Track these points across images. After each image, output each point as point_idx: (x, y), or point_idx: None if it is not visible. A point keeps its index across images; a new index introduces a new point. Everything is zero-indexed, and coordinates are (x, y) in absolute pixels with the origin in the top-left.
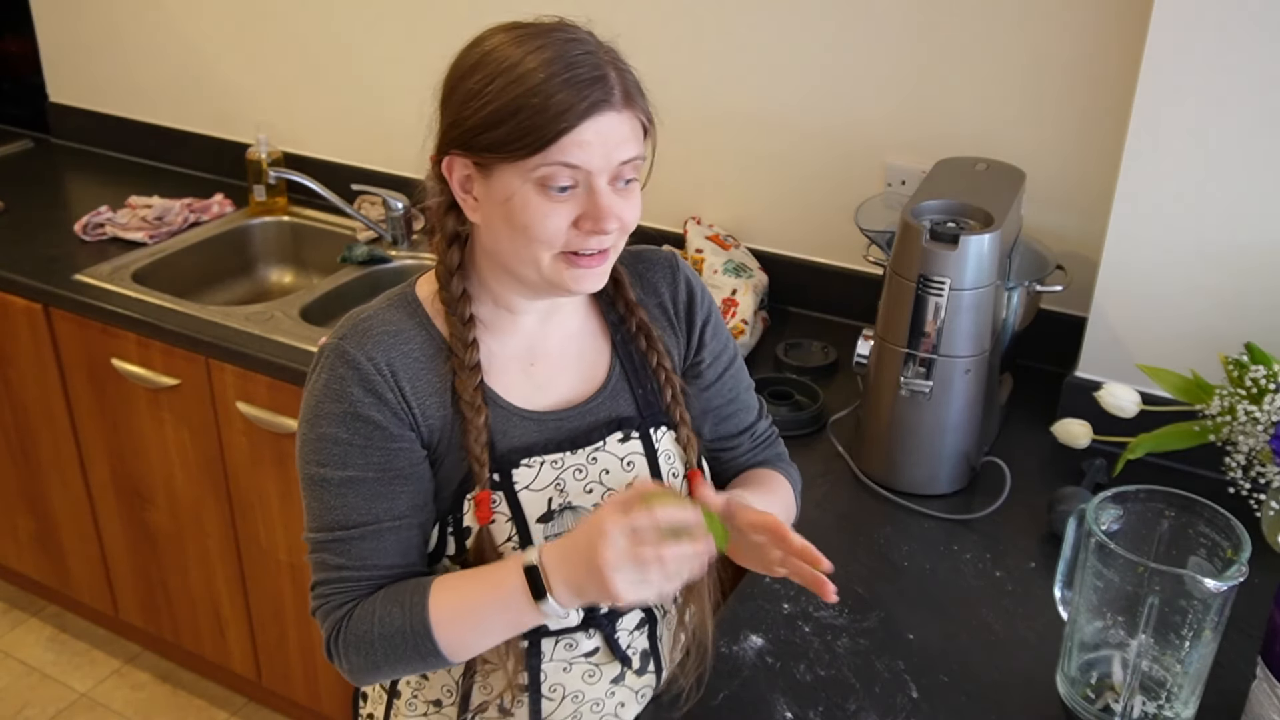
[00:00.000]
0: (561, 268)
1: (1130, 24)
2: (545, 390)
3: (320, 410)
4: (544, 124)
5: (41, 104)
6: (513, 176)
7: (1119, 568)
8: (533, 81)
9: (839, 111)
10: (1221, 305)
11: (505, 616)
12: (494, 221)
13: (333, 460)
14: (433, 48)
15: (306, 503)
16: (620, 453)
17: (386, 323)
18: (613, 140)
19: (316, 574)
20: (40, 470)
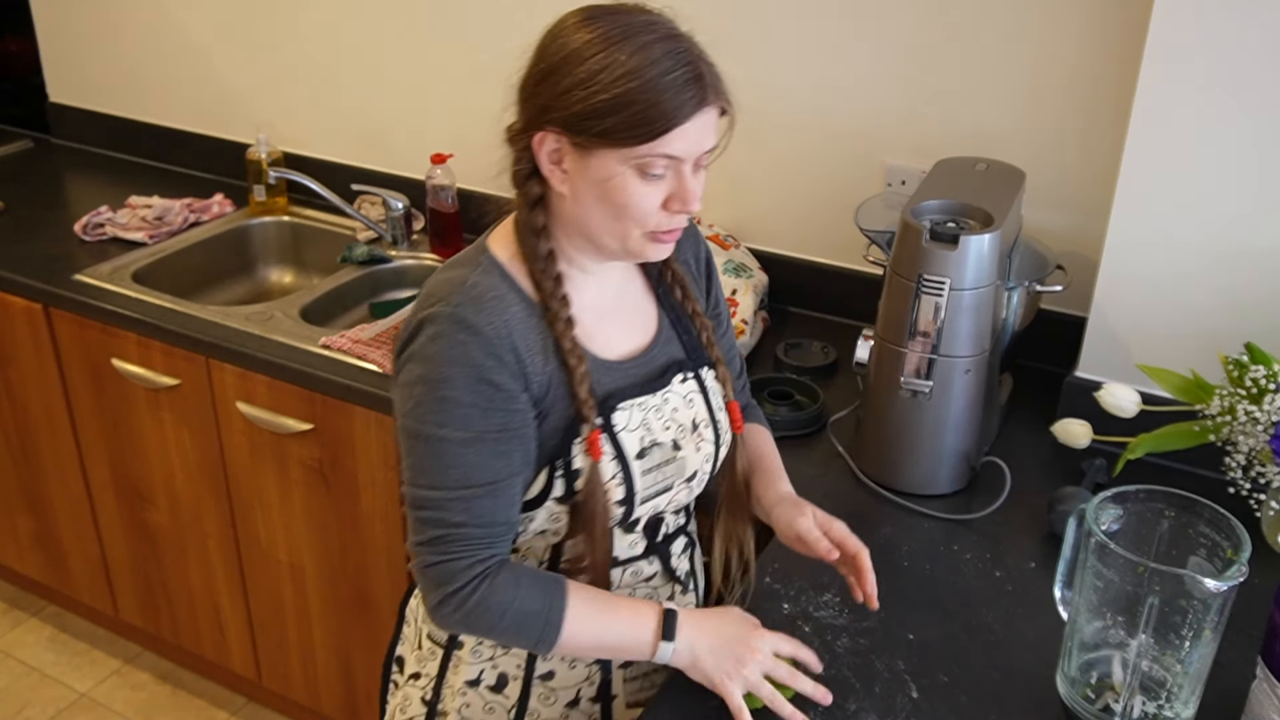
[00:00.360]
0: (645, 243)
1: (1130, 24)
2: (615, 341)
3: (443, 374)
4: (655, 119)
5: (41, 104)
6: (613, 160)
7: (1119, 568)
8: (644, 78)
9: (839, 111)
10: (1221, 305)
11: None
12: (585, 196)
13: (454, 422)
14: (433, 47)
15: (417, 460)
16: (682, 392)
17: (490, 288)
18: (705, 133)
19: (431, 530)
20: (40, 470)
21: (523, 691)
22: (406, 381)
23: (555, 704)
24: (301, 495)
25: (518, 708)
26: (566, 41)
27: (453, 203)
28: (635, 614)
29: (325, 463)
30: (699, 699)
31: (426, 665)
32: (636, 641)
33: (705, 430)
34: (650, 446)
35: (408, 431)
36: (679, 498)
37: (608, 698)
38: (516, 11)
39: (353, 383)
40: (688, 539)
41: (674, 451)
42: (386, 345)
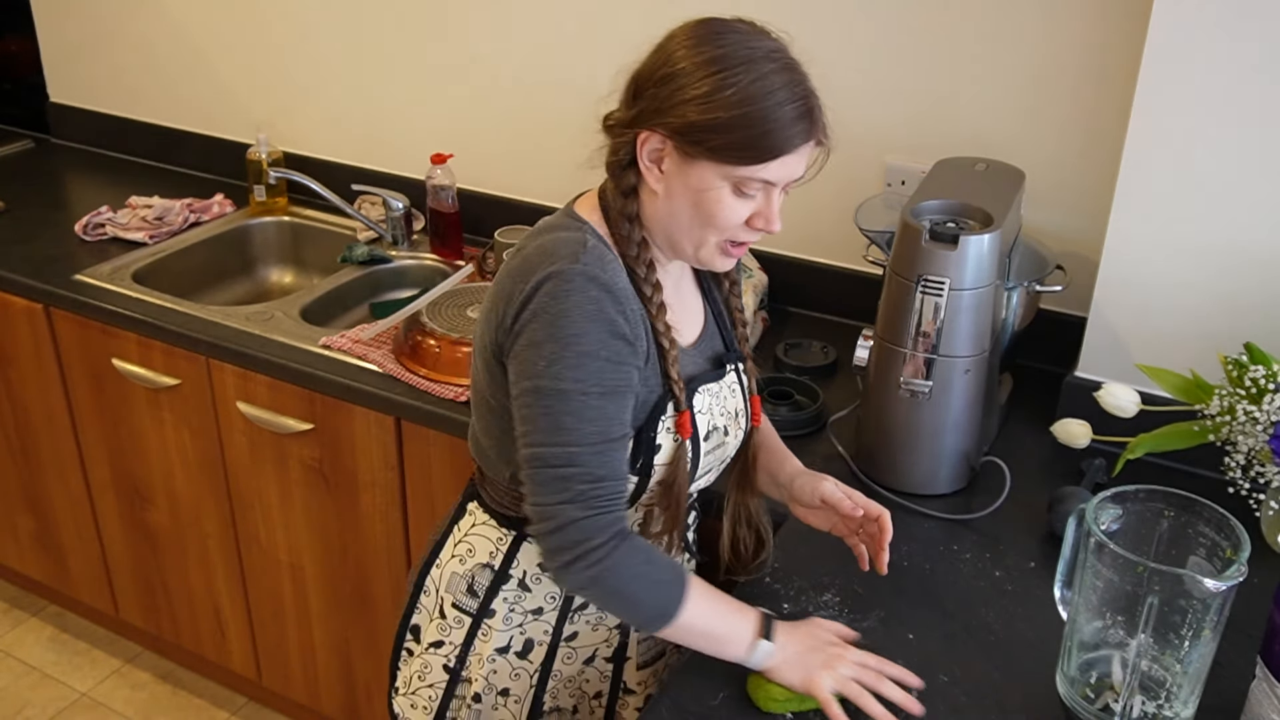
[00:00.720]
0: (717, 252)
1: (1130, 24)
2: (682, 328)
3: (576, 329)
4: (764, 146)
5: (41, 104)
6: (713, 174)
7: (1119, 567)
8: (761, 105)
9: (839, 111)
10: (1221, 305)
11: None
12: (677, 199)
13: (592, 376)
14: (433, 47)
15: (555, 418)
16: (729, 381)
17: (604, 252)
18: (800, 163)
19: (575, 485)
20: (40, 470)
21: (548, 654)
22: (534, 341)
23: (574, 662)
24: (301, 495)
25: (541, 670)
26: (690, 52)
27: (453, 203)
28: (740, 611)
29: (325, 463)
30: (699, 696)
31: (451, 634)
32: (739, 636)
33: (742, 419)
34: (711, 430)
35: (541, 391)
36: (714, 477)
37: (621, 658)
38: (517, 12)
39: (353, 383)
40: (696, 511)
41: (724, 437)
42: (386, 345)
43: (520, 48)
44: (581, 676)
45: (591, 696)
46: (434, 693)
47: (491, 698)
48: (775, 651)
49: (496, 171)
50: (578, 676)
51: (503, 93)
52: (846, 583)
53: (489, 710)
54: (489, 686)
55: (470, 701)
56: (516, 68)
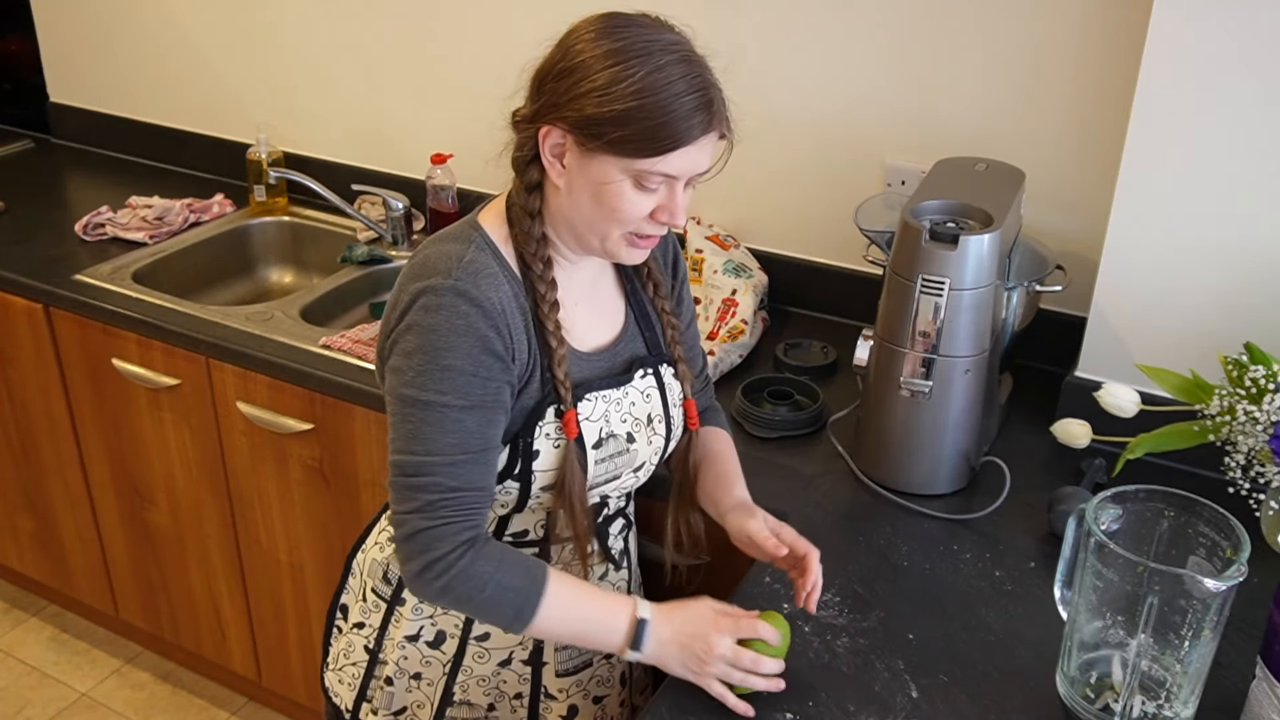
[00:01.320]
0: (622, 244)
1: (1130, 24)
2: (585, 333)
3: (444, 344)
4: (662, 138)
5: (41, 104)
6: (613, 167)
7: (1119, 567)
8: (658, 97)
9: (839, 112)
10: (1221, 305)
11: (593, 637)
12: (579, 194)
13: (455, 390)
14: (433, 47)
15: (415, 427)
16: (641, 387)
17: (484, 265)
18: (703, 156)
19: (424, 495)
20: (40, 470)
21: (459, 649)
22: (405, 351)
23: (488, 662)
24: (301, 495)
25: (453, 663)
26: (589, 45)
27: (453, 203)
28: (609, 613)
29: (325, 463)
30: (699, 696)
31: (370, 617)
32: (607, 641)
33: (658, 425)
34: (606, 438)
35: (405, 399)
36: (624, 485)
37: (539, 662)
38: (516, 12)
39: (353, 383)
40: (625, 521)
41: (628, 444)
42: None
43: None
44: (498, 677)
45: (512, 696)
46: (357, 670)
47: (404, 681)
48: (650, 656)
49: (496, 171)
50: (493, 676)
51: (503, 93)
52: (846, 582)
53: (401, 693)
54: (400, 671)
55: (384, 683)
56: (516, 68)
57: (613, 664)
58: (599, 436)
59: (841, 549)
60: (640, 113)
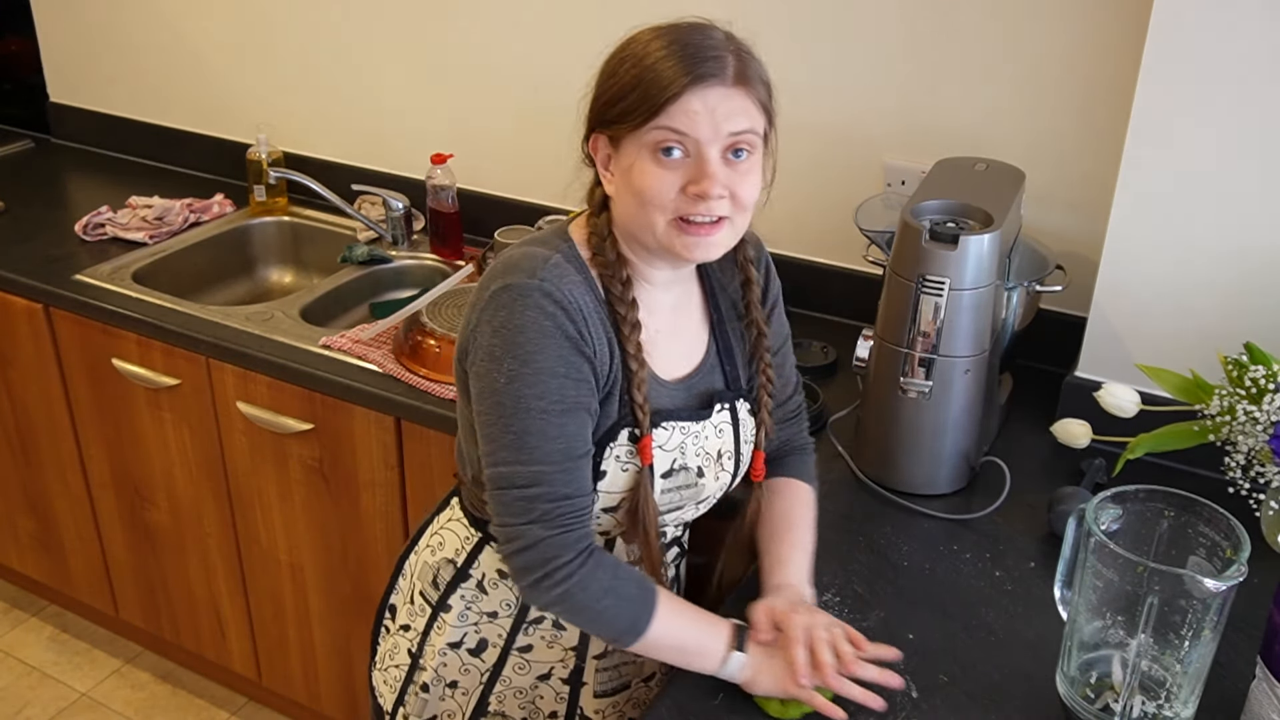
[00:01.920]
0: (674, 233)
1: (1130, 23)
2: (667, 360)
3: (534, 345)
4: (656, 92)
5: (41, 104)
6: (633, 145)
7: (1119, 567)
8: (653, 59)
9: (839, 112)
10: (1221, 305)
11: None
12: (621, 191)
13: (551, 394)
14: (432, 47)
15: (516, 438)
16: (716, 422)
17: (569, 272)
18: (720, 112)
19: (541, 505)
20: (40, 470)
21: (500, 659)
22: (493, 355)
23: (528, 674)
24: (301, 495)
25: (492, 672)
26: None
27: (453, 203)
28: (712, 625)
29: (325, 463)
30: (699, 696)
31: (416, 620)
32: (711, 650)
33: (728, 462)
34: (678, 469)
35: (502, 407)
36: (685, 515)
37: (578, 682)
38: (516, 12)
39: (353, 383)
40: (680, 550)
41: (698, 478)
42: (386, 345)
43: (521, 48)
44: (535, 691)
45: (547, 715)
46: (399, 673)
47: (439, 689)
48: (747, 663)
49: (496, 171)
50: (530, 690)
51: (503, 93)
52: (846, 583)
53: (435, 700)
54: (438, 678)
55: (420, 689)
56: (516, 68)
57: (649, 688)
58: (670, 467)
59: (841, 549)
60: (634, 79)
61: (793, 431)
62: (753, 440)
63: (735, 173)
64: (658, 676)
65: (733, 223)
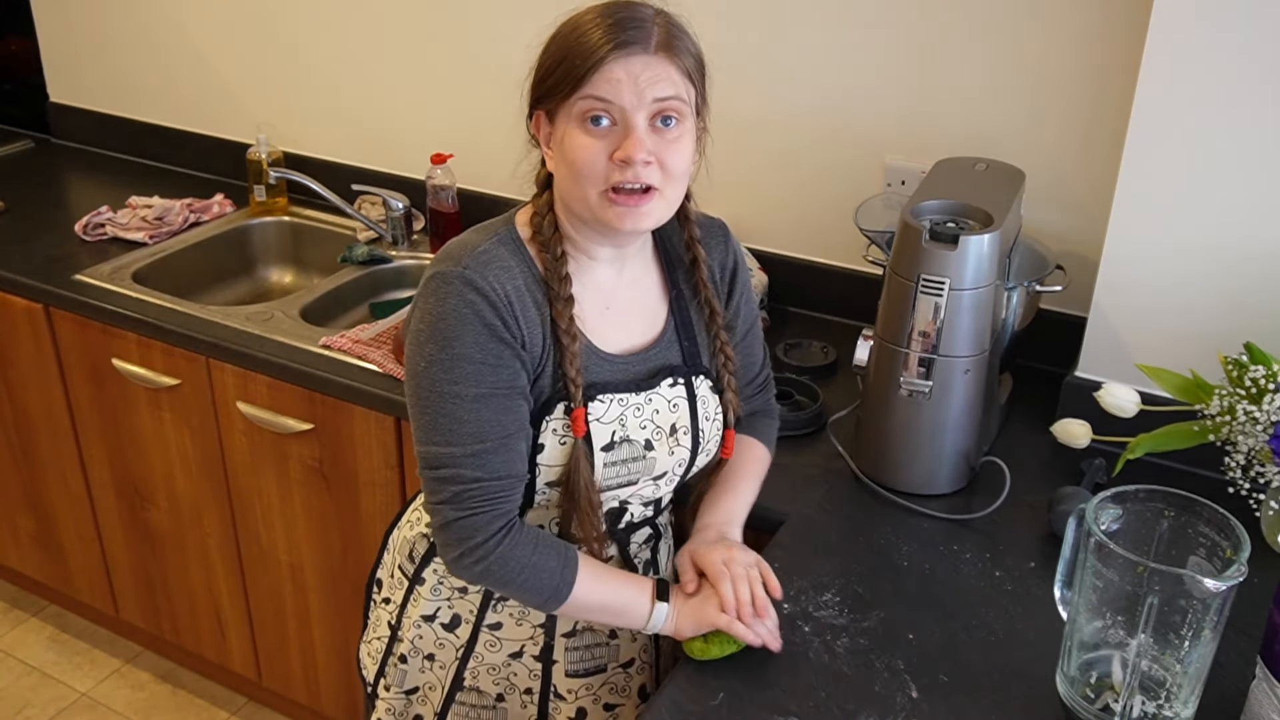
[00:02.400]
0: (606, 204)
1: (1130, 23)
2: (615, 334)
3: (452, 332)
4: (580, 62)
5: (41, 104)
6: (564, 118)
7: (1119, 567)
8: (579, 33)
9: (839, 111)
10: (1221, 305)
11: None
12: (559, 166)
13: (467, 378)
14: (433, 47)
15: (431, 420)
16: (668, 396)
17: (498, 257)
18: (644, 79)
19: (450, 486)
20: (40, 470)
21: (472, 635)
22: (417, 340)
23: (500, 652)
24: (301, 495)
25: (465, 648)
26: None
27: (453, 203)
28: (633, 583)
29: (325, 463)
30: (699, 696)
31: (395, 593)
32: (636, 605)
33: (684, 437)
34: (620, 441)
35: (420, 390)
36: (644, 492)
37: (549, 660)
38: (517, 11)
39: (353, 383)
40: (653, 531)
41: (645, 450)
42: (386, 345)
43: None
44: (508, 668)
45: (522, 690)
46: (380, 645)
47: (418, 661)
48: (670, 613)
49: (496, 171)
50: (503, 667)
51: (503, 93)
52: (846, 583)
53: (415, 672)
54: (415, 650)
55: (399, 660)
56: (516, 68)
57: (629, 674)
58: (611, 439)
59: (841, 549)
60: (556, 54)
61: (759, 401)
62: (715, 417)
63: (663, 140)
64: (637, 664)
65: (663, 194)
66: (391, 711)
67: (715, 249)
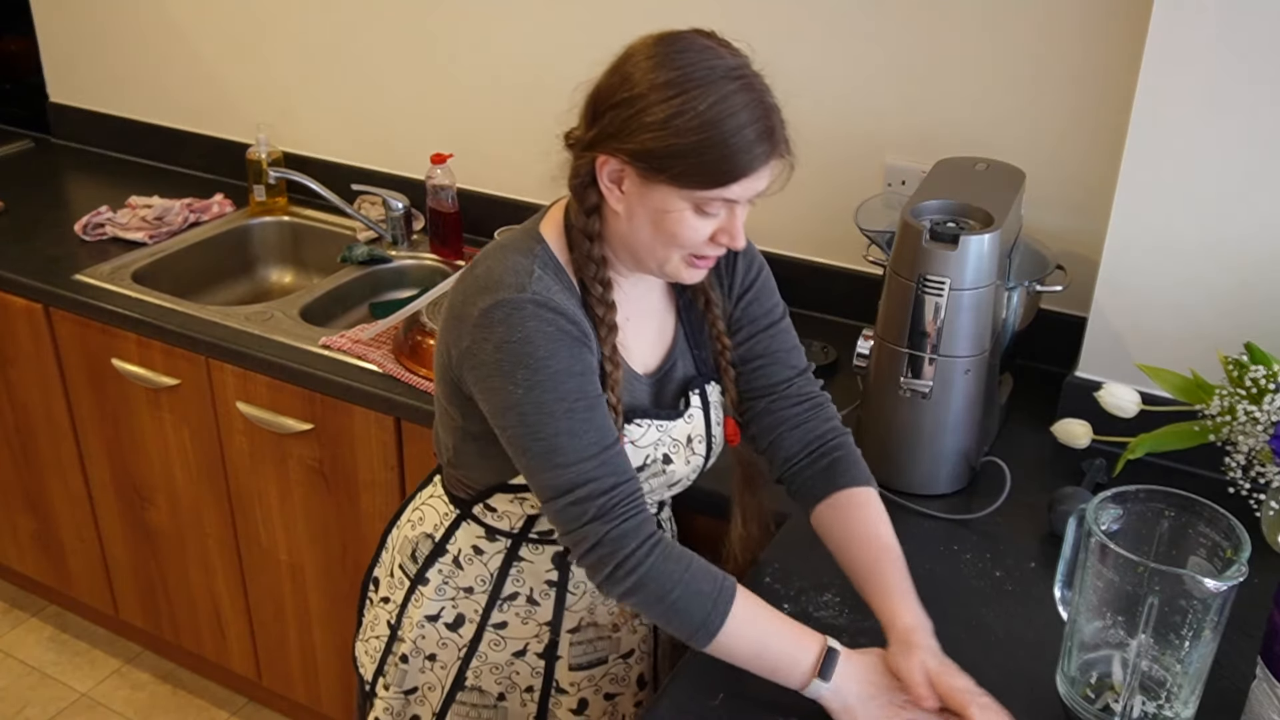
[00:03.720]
0: (683, 266)
1: (1130, 23)
2: (636, 351)
3: (542, 352)
4: (724, 170)
5: (41, 104)
6: (674, 196)
7: (1119, 568)
8: (721, 130)
9: (839, 111)
10: (1221, 305)
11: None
12: (638, 220)
13: (571, 392)
14: (433, 47)
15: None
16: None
17: (551, 282)
18: (763, 181)
19: (592, 503)
20: (40, 470)
21: (476, 634)
22: (503, 371)
23: (504, 650)
24: (301, 495)
25: (469, 647)
26: (648, 74)
27: (453, 203)
28: (798, 637)
29: (325, 463)
30: (699, 696)
31: (395, 593)
32: (792, 666)
33: (699, 445)
34: (651, 463)
35: (526, 419)
36: (656, 497)
37: (553, 656)
38: (517, 11)
39: (353, 383)
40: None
41: (664, 465)
42: (386, 345)
43: (521, 48)
44: (510, 667)
45: (523, 689)
46: (379, 644)
47: (419, 661)
48: (834, 694)
49: (496, 171)
50: (506, 666)
51: (503, 93)
52: (846, 582)
53: (415, 672)
54: (416, 650)
55: (399, 660)
56: (517, 68)
57: (629, 664)
58: (644, 461)
59: None
60: (703, 146)
61: (823, 427)
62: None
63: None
64: (636, 654)
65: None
66: (389, 711)
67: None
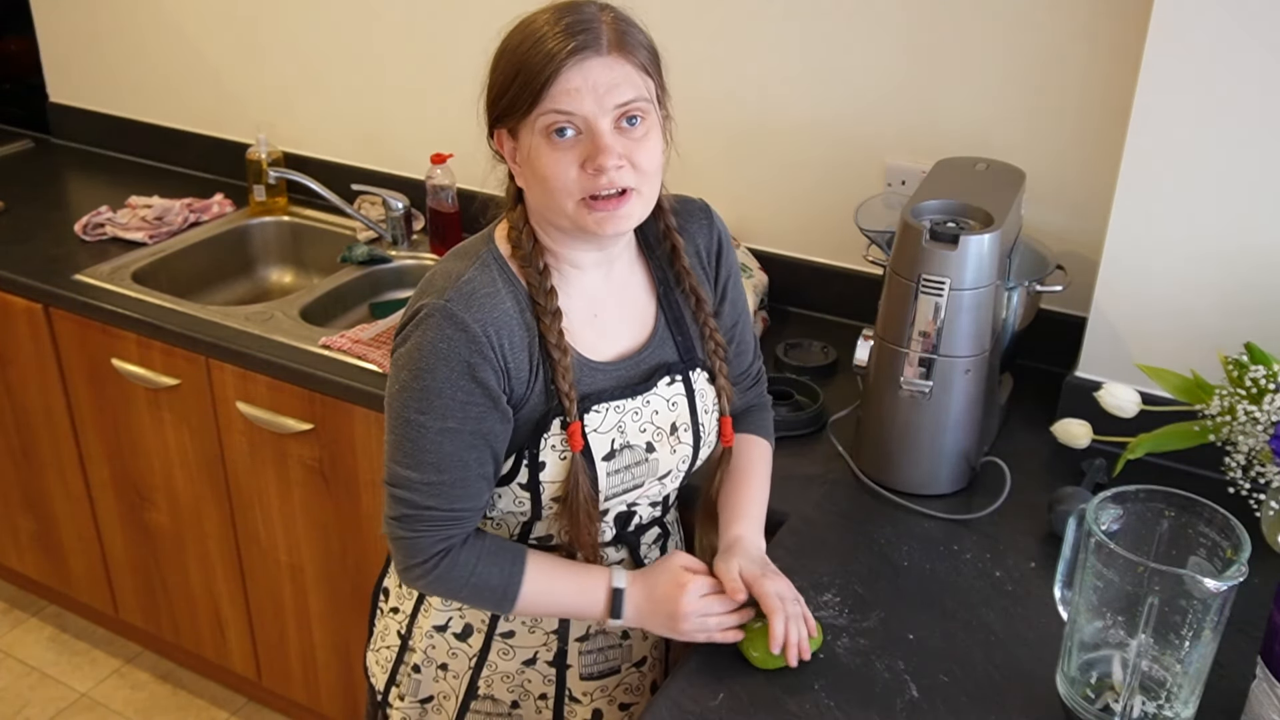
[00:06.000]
0: (583, 212)
1: (1130, 24)
2: (606, 341)
3: (426, 365)
4: (535, 77)
5: (41, 104)
6: (528, 134)
7: (1119, 568)
8: (527, 45)
9: (839, 112)
10: (1221, 305)
11: (576, 612)
12: (529, 180)
13: (434, 411)
14: (433, 47)
15: (397, 439)
16: (666, 394)
17: (483, 284)
18: (602, 85)
19: (400, 507)
20: (40, 470)
21: (484, 644)
22: (397, 364)
23: (513, 659)
24: (301, 495)
25: (479, 657)
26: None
27: (453, 203)
28: (587, 589)
29: (325, 463)
30: (699, 696)
31: (404, 603)
32: (590, 612)
33: (685, 434)
34: (621, 449)
35: (391, 412)
36: (650, 493)
37: (563, 664)
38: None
39: (353, 383)
40: (661, 530)
41: (646, 453)
42: (386, 345)
43: None
44: (522, 675)
45: (537, 696)
46: (390, 654)
47: (431, 670)
48: (630, 621)
49: (496, 171)
50: (517, 674)
51: None
52: (846, 582)
53: (429, 681)
54: (428, 660)
55: (412, 670)
56: None
57: (642, 673)
58: (611, 448)
59: (841, 549)
60: (510, 70)
61: (753, 394)
62: (713, 409)
63: (630, 140)
64: (649, 661)
65: (640, 192)
66: None
67: (699, 231)
